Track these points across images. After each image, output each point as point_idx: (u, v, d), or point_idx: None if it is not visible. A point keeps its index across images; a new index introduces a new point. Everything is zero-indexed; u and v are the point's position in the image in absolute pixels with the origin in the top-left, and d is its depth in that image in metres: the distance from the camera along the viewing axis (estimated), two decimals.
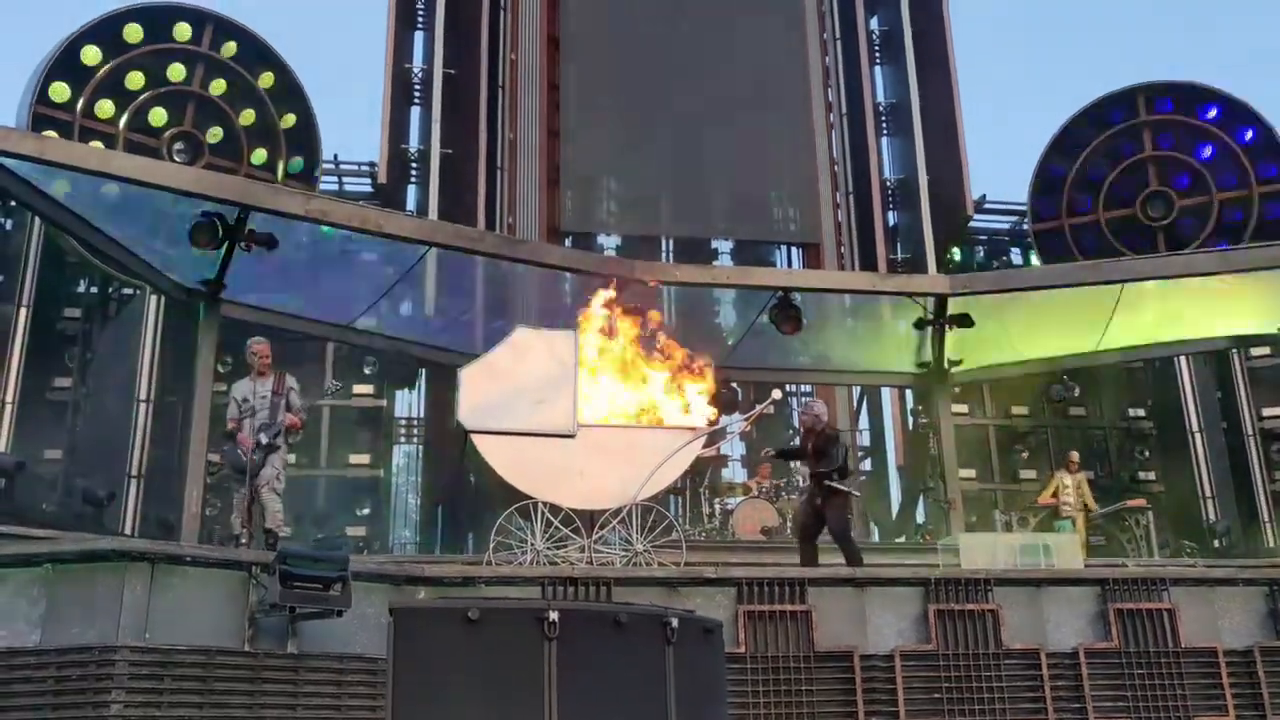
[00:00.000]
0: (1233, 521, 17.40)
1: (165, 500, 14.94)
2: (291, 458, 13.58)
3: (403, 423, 18.63)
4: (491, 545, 9.99)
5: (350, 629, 8.03)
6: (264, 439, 9.88)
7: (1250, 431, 17.72)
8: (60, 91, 16.65)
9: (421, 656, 4.40)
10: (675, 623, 4.64)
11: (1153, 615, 9.38)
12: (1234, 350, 17.52)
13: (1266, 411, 17.83)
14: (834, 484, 10.41)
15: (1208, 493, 17.93)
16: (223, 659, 7.70)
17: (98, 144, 15.65)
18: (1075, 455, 16.01)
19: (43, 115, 16.42)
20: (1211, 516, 17.69)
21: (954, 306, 14.17)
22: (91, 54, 16.83)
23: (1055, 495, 15.55)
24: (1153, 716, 9.08)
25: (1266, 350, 17.74)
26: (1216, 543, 17.12)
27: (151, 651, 7.53)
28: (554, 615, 4.34)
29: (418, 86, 19.62)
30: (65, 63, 16.70)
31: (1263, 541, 16.77)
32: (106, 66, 16.83)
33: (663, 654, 4.56)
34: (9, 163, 11.10)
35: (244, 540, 9.77)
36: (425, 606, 5.62)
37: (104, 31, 16.87)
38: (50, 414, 15.89)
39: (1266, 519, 17.07)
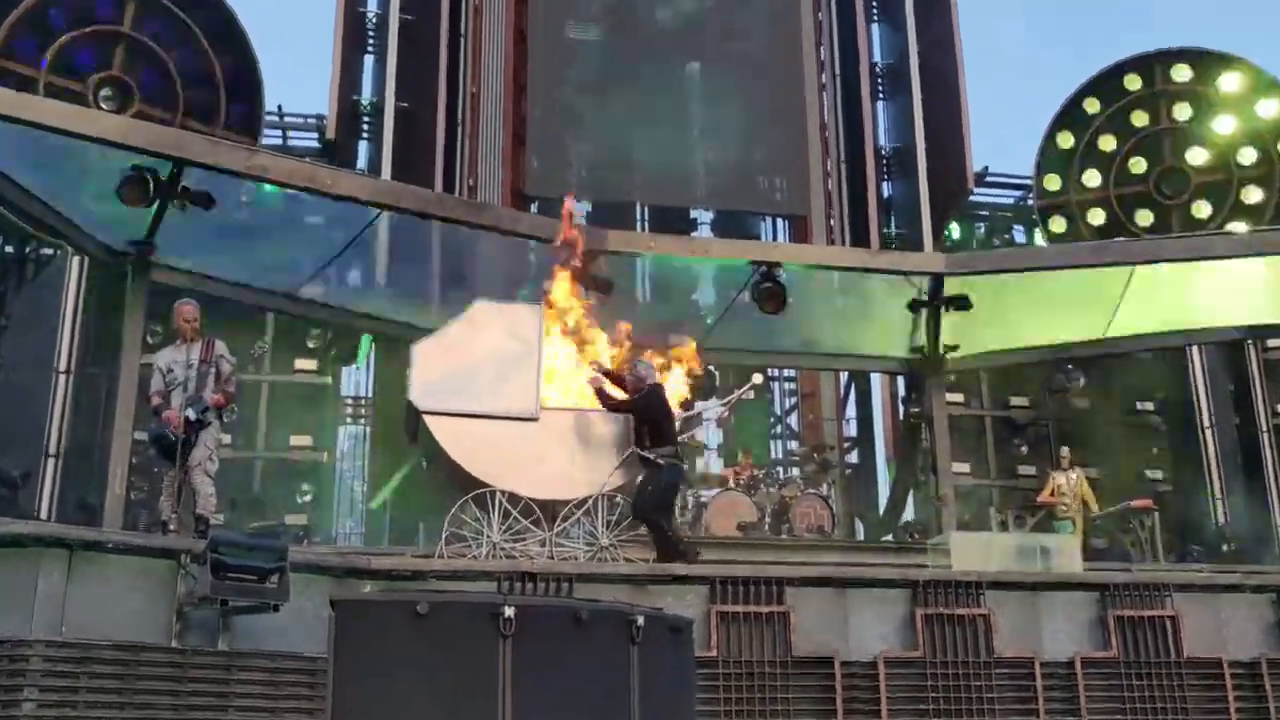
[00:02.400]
0: (1243, 524, 17.61)
1: (86, 481, 14.84)
2: (226, 437, 13.58)
3: (349, 402, 18.60)
4: (444, 537, 9.98)
5: (288, 625, 8.02)
6: (192, 415, 9.79)
7: (1265, 428, 17.92)
8: None
9: (365, 654, 4.42)
10: (641, 620, 4.68)
11: (1154, 623, 9.49)
12: (1250, 340, 17.72)
13: None
14: (641, 452, 10.19)
15: (1218, 493, 18.14)
16: (147, 655, 7.66)
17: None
18: (1066, 451, 16.09)
19: None
20: (1221, 518, 17.91)
21: (951, 287, 14.24)
22: None
23: (1054, 495, 15.67)
24: None
25: None
26: (1225, 546, 17.33)
27: (68, 646, 7.49)
28: (510, 610, 4.36)
29: (372, 32, 19.48)
30: None
31: (1275, 545, 16.99)
32: (28, 2, 16.61)
33: (627, 654, 4.60)
34: None
35: (173, 527, 9.72)
36: (369, 599, 5.64)
37: None
38: None
39: (1279, 521, 17.30)
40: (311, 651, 7.93)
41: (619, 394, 10.49)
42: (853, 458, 20.26)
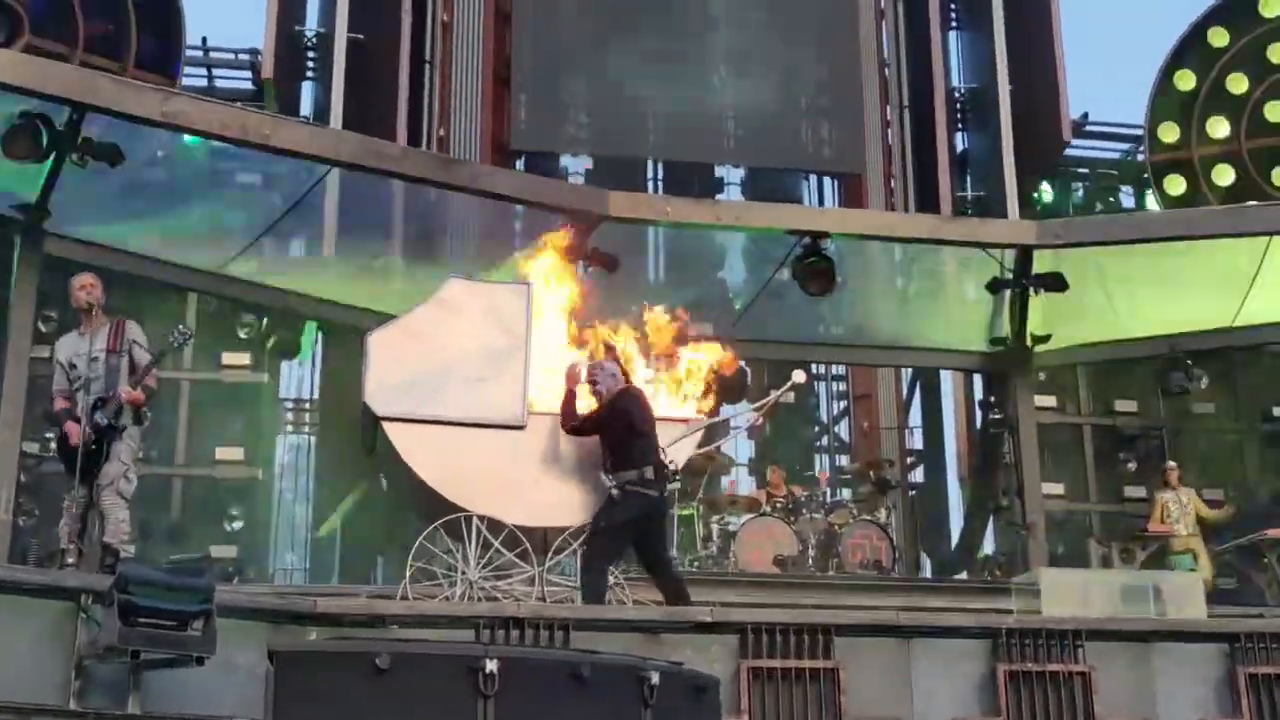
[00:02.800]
0: None
1: None
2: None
3: (289, 405, 18.62)
4: (409, 573, 10.00)
5: (214, 682, 8.02)
6: (102, 420, 9.75)
7: None
8: None
9: (311, 717, 4.43)
10: (655, 678, 4.69)
11: None
12: None
13: None
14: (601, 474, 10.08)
15: None
16: None
17: None
18: (1172, 466, 16.05)
19: None
20: None
21: (1041, 263, 14.22)
22: None
23: (1163, 521, 15.63)
24: None
25: None
26: None
27: None
28: (492, 664, 4.38)
29: None
30: None
31: None
32: None
33: (638, 719, 4.61)
34: None
35: (71, 560, 9.74)
36: (317, 650, 5.66)
37: None
38: None
39: None
40: (243, 716, 7.95)
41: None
42: (917, 476, 20.25)
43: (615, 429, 10.14)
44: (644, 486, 10.00)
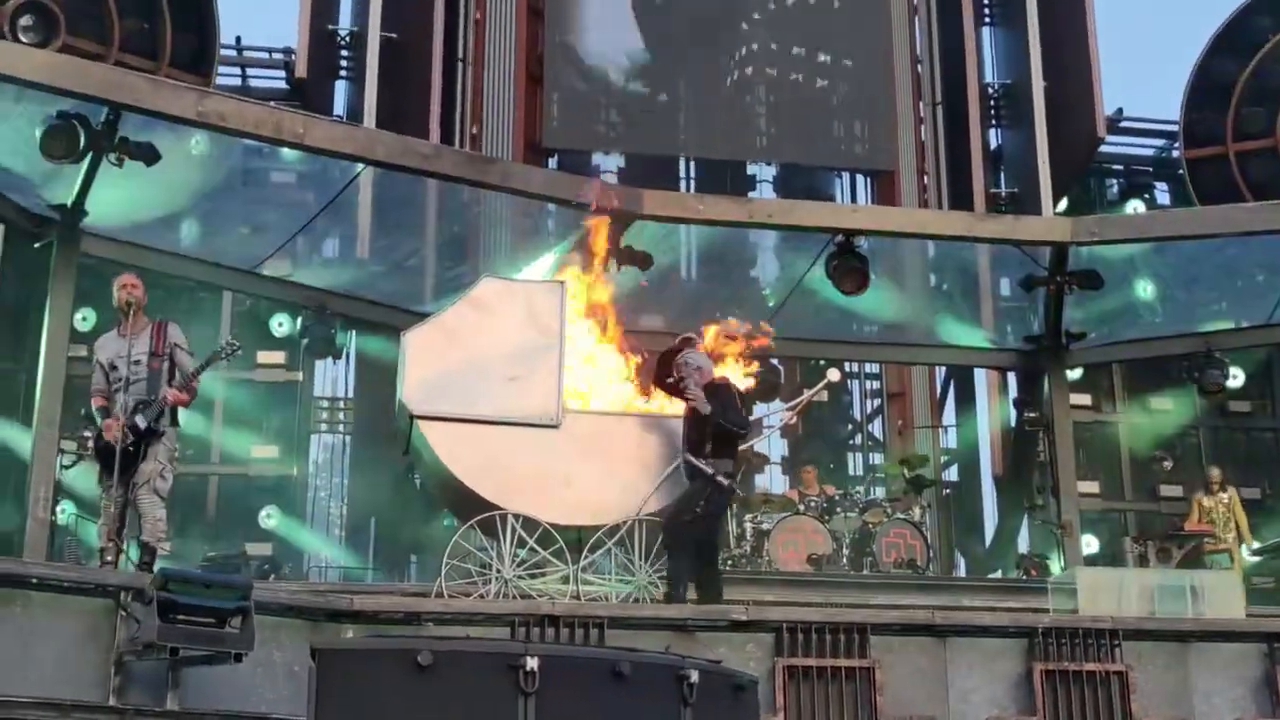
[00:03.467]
0: None
1: (0, 502, 15.00)
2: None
3: (324, 404, 18.68)
4: (444, 571, 10.03)
5: (251, 679, 8.08)
6: (141, 422, 9.80)
7: None
8: None
9: (353, 716, 4.45)
10: (695, 676, 4.69)
11: None
12: None
13: None
14: (694, 461, 10.07)
15: None
16: (79, 716, 7.73)
17: None
18: (1216, 474, 16.00)
19: None
20: None
21: (1077, 260, 14.16)
22: None
23: (1200, 520, 15.61)
24: None
25: None
26: None
27: None
28: (532, 662, 4.38)
29: None
30: None
31: None
32: None
33: (677, 717, 4.61)
34: None
35: (110, 558, 9.80)
36: (359, 648, 5.68)
37: None
38: None
39: None
40: (281, 712, 7.99)
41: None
42: (951, 474, 20.17)
43: (724, 416, 10.12)
44: (731, 479, 10.17)
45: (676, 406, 10.56)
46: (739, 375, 11.29)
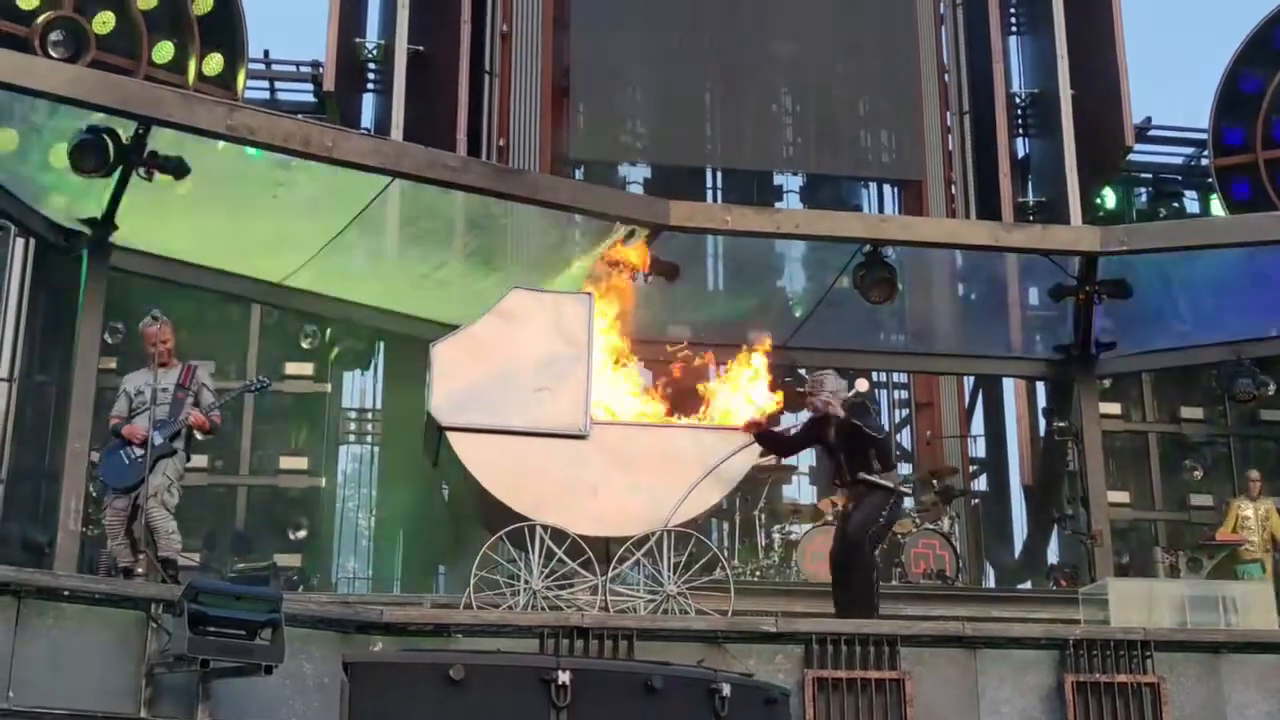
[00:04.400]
0: None
1: (32, 514, 15.06)
2: (202, 459, 13.75)
3: (352, 415, 18.72)
4: (472, 582, 10.04)
5: (281, 691, 8.10)
6: (158, 438, 9.96)
7: None
8: None
9: None
10: (727, 690, 4.69)
11: None
12: None
13: None
14: (869, 478, 10.21)
15: None
16: None
17: None
18: (1256, 476, 15.93)
19: None
20: None
21: (1106, 269, 14.10)
22: None
23: (1236, 530, 15.51)
24: None
25: None
26: None
27: (14, 716, 7.61)
28: (565, 676, 4.38)
29: None
30: None
31: None
32: None
33: None
34: None
35: (139, 570, 9.87)
36: (391, 661, 5.69)
37: None
38: None
39: None
40: None
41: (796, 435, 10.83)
42: (980, 484, 20.10)
43: (862, 431, 10.36)
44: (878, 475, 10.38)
45: (703, 418, 10.68)
46: (765, 389, 11.30)
